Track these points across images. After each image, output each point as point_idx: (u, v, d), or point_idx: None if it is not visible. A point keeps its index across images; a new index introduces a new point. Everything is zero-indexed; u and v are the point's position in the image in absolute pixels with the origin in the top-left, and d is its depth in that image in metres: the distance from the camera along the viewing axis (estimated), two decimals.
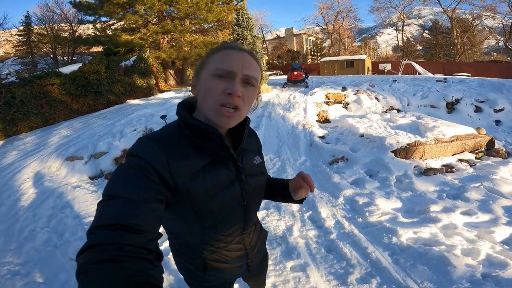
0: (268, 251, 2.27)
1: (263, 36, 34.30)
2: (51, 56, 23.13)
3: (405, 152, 4.00)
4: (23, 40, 22.67)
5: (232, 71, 0.66)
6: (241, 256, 0.87)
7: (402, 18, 36.03)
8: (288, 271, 2.07)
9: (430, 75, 15.05)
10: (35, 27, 22.99)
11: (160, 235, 0.57)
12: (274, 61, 31.57)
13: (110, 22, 13.61)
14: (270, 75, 13.19)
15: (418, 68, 17.24)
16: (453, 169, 3.73)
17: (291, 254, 2.24)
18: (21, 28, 22.61)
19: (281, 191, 0.92)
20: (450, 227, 2.39)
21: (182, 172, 0.65)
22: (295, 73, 9.90)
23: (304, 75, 10.01)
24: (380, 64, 21.68)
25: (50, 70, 8.43)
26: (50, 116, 8.04)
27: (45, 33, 22.30)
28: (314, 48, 34.27)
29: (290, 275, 2.02)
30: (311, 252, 2.25)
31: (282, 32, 38.38)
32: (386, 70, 19.41)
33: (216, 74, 0.66)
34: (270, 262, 2.16)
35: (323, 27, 36.91)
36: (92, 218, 3.21)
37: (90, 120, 7.79)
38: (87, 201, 3.54)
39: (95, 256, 0.45)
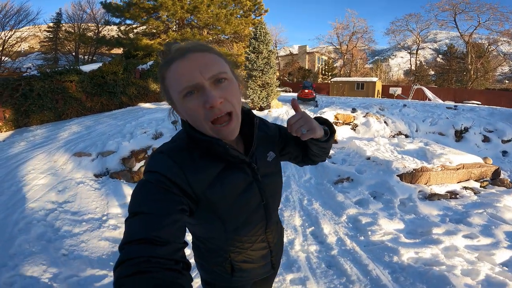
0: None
1: (277, 51, 35.00)
2: (73, 54, 23.93)
3: (410, 176, 3.99)
4: (50, 36, 23.54)
5: (195, 84, 0.60)
6: (266, 254, 0.88)
7: (418, 42, 36.26)
8: (287, 283, 2.08)
9: (440, 101, 15.05)
10: (64, 24, 23.89)
11: (186, 244, 0.58)
12: (285, 78, 31.99)
13: (134, 26, 14.14)
14: (281, 91, 13.35)
15: (429, 94, 17.26)
16: (457, 196, 3.75)
17: (292, 267, 2.24)
18: (51, 24, 23.53)
19: (299, 146, 0.90)
20: (451, 249, 2.43)
21: (199, 182, 0.66)
22: (306, 91, 10.01)
23: (314, 94, 10.11)
24: (390, 88, 21.78)
25: (72, 67, 8.71)
26: (63, 111, 8.23)
27: (72, 31, 23.15)
28: (326, 67, 34.68)
29: None
30: (311, 267, 2.26)
31: (295, 49, 39.08)
32: (396, 94, 19.47)
33: (184, 95, 0.62)
34: None
35: (337, 46, 37.48)
36: (91, 215, 3.23)
37: (102, 119, 7.95)
38: (88, 197, 3.56)
39: (127, 270, 0.48)
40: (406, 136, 6.86)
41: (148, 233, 0.53)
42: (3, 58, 19.47)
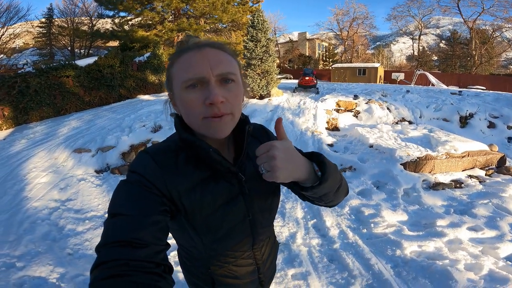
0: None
1: (276, 39, 34.35)
2: (69, 48, 23.62)
3: (414, 165, 3.92)
4: (43, 32, 23.21)
5: (201, 77, 0.57)
6: (252, 271, 0.81)
7: (420, 28, 35.51)
8: (289, 278, 2.06)
9: (444, 86, 14.78)
10: (56, 19, 23.52)
11: (168, 246, 0.56)
12: (285, 65, 31.56)
13: (128, 18, 13.82)
14: (280, 78, 13.15)
15: (432, 79, 16.94)
16: (462, 185, 3.68)
17: (293, 262, 2.22)
18: (43, 20, 23.16)
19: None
20: (455, 242, 2.39)
21: (176, 187, 0.61)
22: (307, 78, 9.83)
23: (315, 81, 9.94)
24: (393, 73, 21.42)
25: (67, 62, 8.58)
26: (62, 107, 8.16)
27: (66, 25, 22.78)
28: (327, 53, 34.13)
29: (291, 283, 2.01)
30: (313, 261, 2.24)
31: (295, 36, 38.36)
32: (398, 80, 19.16)
33: (187, 86, 0.58)
34: None
35: (337, 33, 36.70)
36: (94, 213, 3.22)
37: (101, 113, 7.88)
38: (90, 194, 3.55)
39: (104, 273, 0.46)
40: (410, 122, 6.75)
41: (127, 235, 0.50)
42: None
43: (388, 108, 7.12)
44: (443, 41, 39.55)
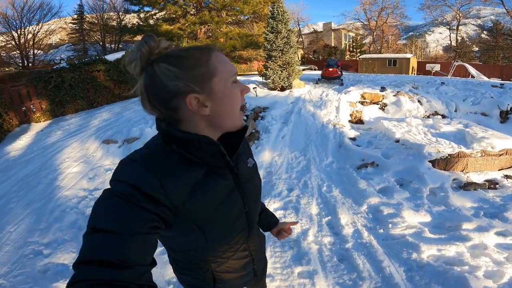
0: (279, 253, 2.23)
1: (299, 30, 33.44)
2: (101, 43, 24.89)
3: (445, 163, 3.64)
4: (76, 28, 24.64)
5: (236, 73, 0.67)
6: (248, 262, 0.85)
7: (458, 18, 32.68)
8: (295, 276, 2.02)
9: (485, 79, 13.55)
10: (87, 15, 24.80)
11: (153, 265, 0.55)
12: (310, 56, 30.74)
13: (153, 12, 14.20)
14: (303, 69, 12.81)
15: (472, 70, 15.59)
16: (497, 186, 3.36)
17: (301, 260, 2.18)
18: (75, 16, 24.56)
19: (264, 225, 1.05)
20: (480, 247, 2.23)
21: (178, 192, 0.60)
22: (330, 69, 9.50)
23: (340, 72, 9.57)
24: (427, 64, 19.99)
25: (97, 57, 9.04)
26: (94, 99, 8.65)
27: (96, 21, 23.96)
28: (354, 44, 32.70)
29: (296, 281, 1.97)
30: (322, 260, 2.18)
31: (319, 27, 37.11)
32: (433, 71, 17.87)
33: (233, 80, 0.65)
34: (278, 265, 2.13)
35: (365, 23, 34.88)
36: None
37: (129, 105, 8.25)
38: None
39: None
40: (443, 116, 6.27)
41: (111, 255, 0.48)
42: (36, 51, 20.85)
43: (419, 101, 6.66)
44: (484, 32, 36.06)
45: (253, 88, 7.78)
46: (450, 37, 36.38)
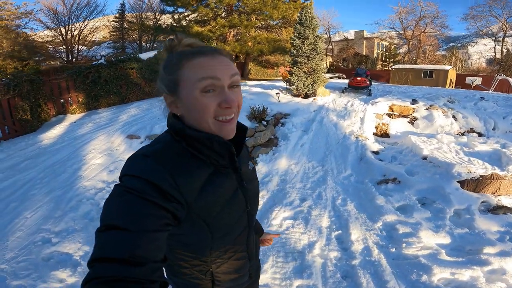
0: (281, 264, 2.16)
1: (330, 37, 32.84)
2: (137, 42, 26.29)
3: (475, 184, 3.37)
4: (117, 26, 26.24)
5: (220, 83, 0.62)
6: (245, 263, 0.84)
7: (504, 29, 30.26)
8: None
9: None
10: (127, 14, 26.33)
11: (165, 262, 0.55)
12: (339, 64, 30.07)
13: (186, 14, 14.75)
14: (331, 77, 12.53)
15: None
16: None
17: (303, 273, 2.10)
18: (117, 15, 26.17)
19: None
20: (497, 272, 2.11)
21: (190, 188, 0.62)
22: (358, 78, 9.17)
23: (368, 82, 9.22)
24: (467, 78, 18.65)
25: (132, 55, 9.55)
26: (126, 95, 9.13)
27: (135, 20, 25.38)
28: (387, 53, 31.49)
29: None
30: (324, 275, 2.08)
31: (351, 35, 36.13)
32: (474, 85, 16.64)
33: (203, 90, 0.62)
34: (278, 276, 2.08)
35: (400, 32, 33.42)
36: None
37: (156, 103, 8.57)
38: None
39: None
40: (480, 134, 5.79)
41: (124, 253, 0.49)
42: (80, 47, 22.51)
43: (453, 116, 6.21)
44: None
45: (276, 93, 7.74)
46: (495, 49, 33.75)
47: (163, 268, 0.55)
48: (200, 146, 0.65)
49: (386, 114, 6.49)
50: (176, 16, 14.80)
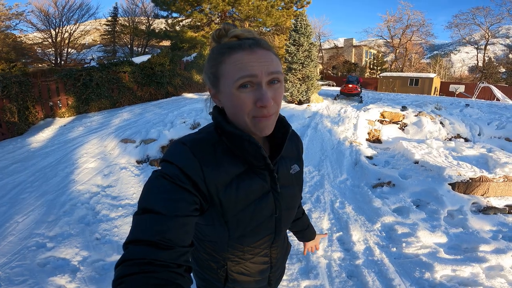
0: (286, 265, 2.17)
1: (320, 44, 33.55)
2: (129, 46, 26.02)
3: (465, 186, 3.52)
4: (109, 29, 25.90)
5: (255, 79, 0.59)
6: (265, 269, 0.82)
7: (486, 37, 31.78)
8: None
9: (511, 102, 12.94)
10: (120, 18, 26.04)
11: (192, 247, 0.57)
12: (328, 71, 30.68)
13: (180, 19, 14.79)
14: (322, 85, 12.77)
15: (498, 93, 15.00)
16: None
17: (309, 274, 2.13)
18: (109, 18, 25.85)
19: (300, 231, 1.12)
20: (496, 269, 2.21)
21: (215, 181, 0.62)
22: (350, 85, 9.39)
23: (359, 89, 9.45)
24: (451, 85, 19.43)
25: (125, 59, 9.44)
26: (117, 99, 8.98)
27: (127, 24, 25.13)
28: (374, 61, 32.42)
29: None
30: (330, 275, 2.12)
31: (340, 42, 37.11)
32: (457, 92, 17.35)
33: (240, 85, 0.60)
34: (285, 277, 2.10)
35: (388, 40, 34.55)
36: (128, 201, 3.39)
37: (149, 107, 8.50)
38: (128, 183, 3.80)
39: (128, 270, 0.48)
40: (466, 140, 6.02)
41: (155, 236, 0.51)
42: (69, 50, 22.07)
43: (441, 123, 6.44)
44: None
45: None
46: (477, 57, 35.31)
47: (189, 254, 0.56)
48: (236, 143, 0.64)
49: (378, 121, 6.67)
50: (170, 21, 14.80)
